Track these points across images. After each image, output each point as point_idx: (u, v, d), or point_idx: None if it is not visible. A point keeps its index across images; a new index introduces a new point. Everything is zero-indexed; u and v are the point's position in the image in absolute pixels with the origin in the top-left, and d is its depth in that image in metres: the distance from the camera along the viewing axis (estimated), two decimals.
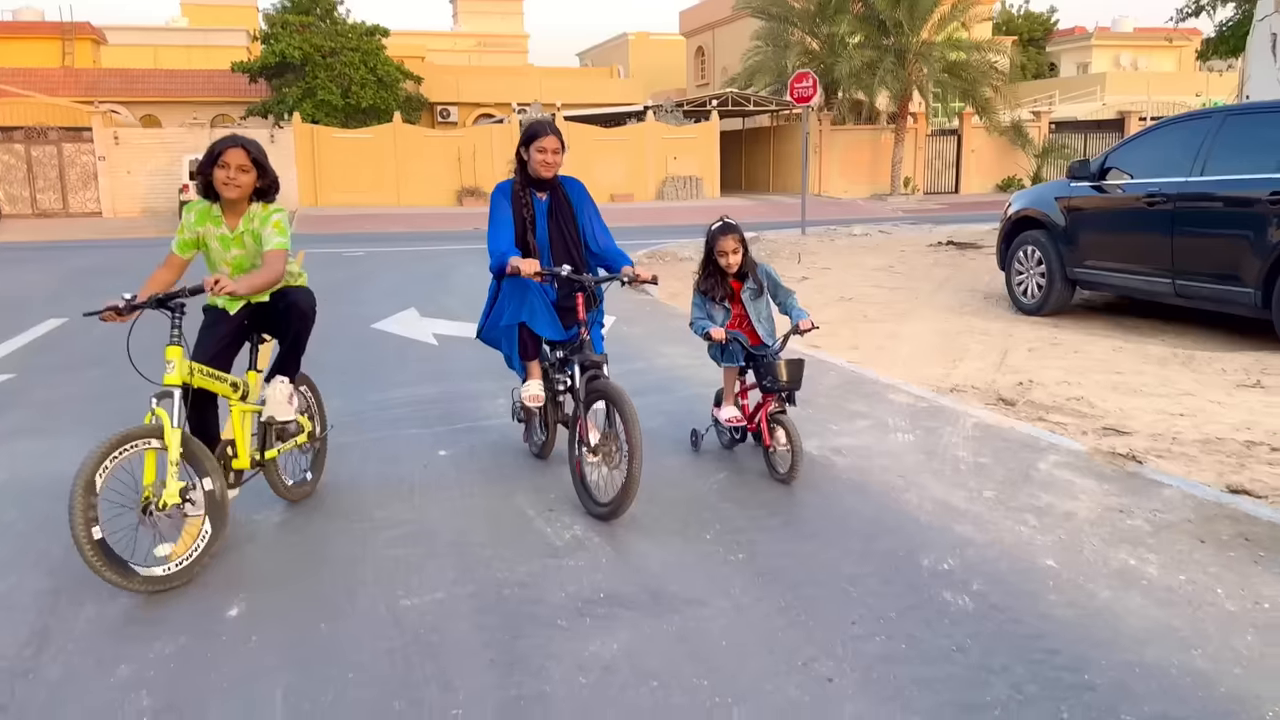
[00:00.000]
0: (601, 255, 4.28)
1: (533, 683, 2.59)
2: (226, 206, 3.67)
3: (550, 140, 4.10)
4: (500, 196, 4.20)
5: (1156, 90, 41.60)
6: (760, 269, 4.54)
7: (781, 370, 4.20)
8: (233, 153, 3.57)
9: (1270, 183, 6.76)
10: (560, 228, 4.21)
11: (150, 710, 2.48)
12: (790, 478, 4.19)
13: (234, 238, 3.69)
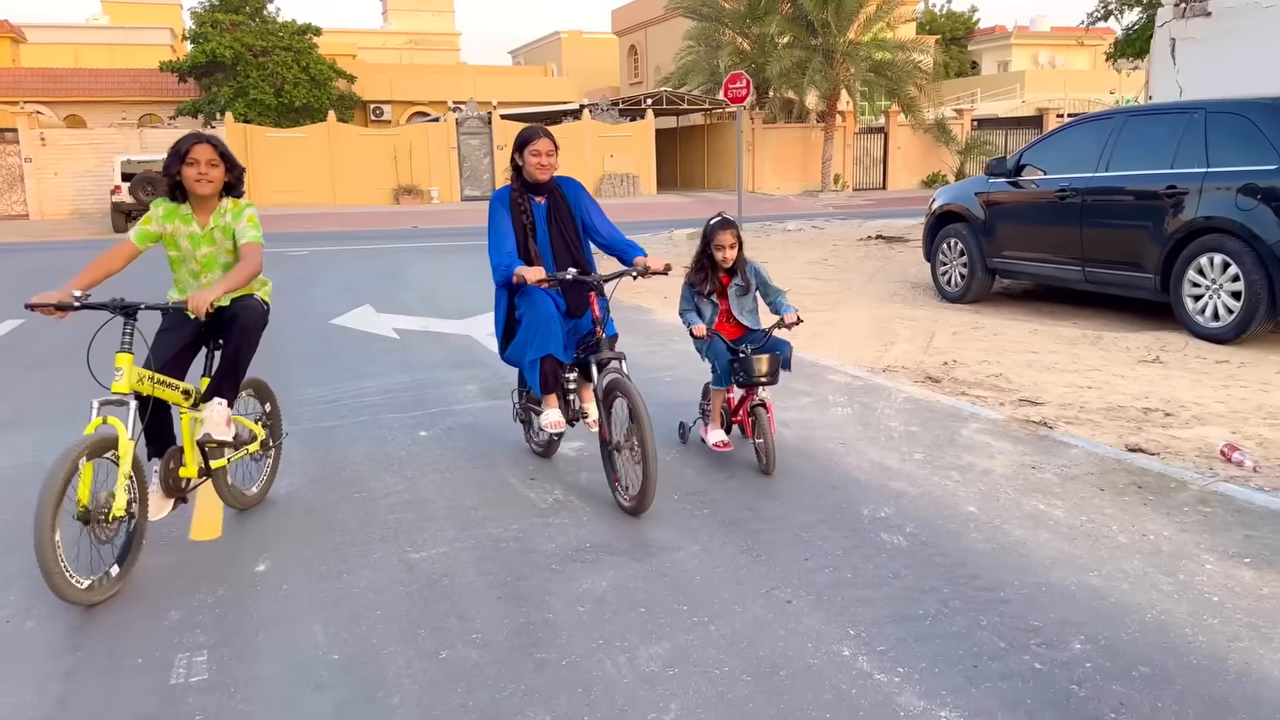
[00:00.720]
0: (610, 246, 4.30)
1: (538, 612, 3.02)
2: (196, 204, 3.64)
3: (543, 143, 4.11)
4: (498, 205, 4.19)
5: (1073, 88, 43.16)
6: (750, 267, 4.64)
7: (760, 364, 4.28)
8: (200, 148, 3.55)
9: (1166, 178, 7.46)
10: (560, 230, 4.22)
11: (207, 644, 2.84)
12: (767, 470, 4.32)
13: (204, 235, 3.65)
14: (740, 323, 4.60)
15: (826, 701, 2.51)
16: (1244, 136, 7.08)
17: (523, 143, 4.16)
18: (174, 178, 3.57)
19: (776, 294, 4.62)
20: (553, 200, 4.24)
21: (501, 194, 4.23)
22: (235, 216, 3.67)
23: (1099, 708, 2.47)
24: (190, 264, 3.69)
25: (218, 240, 3.67)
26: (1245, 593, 3.11)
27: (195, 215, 3.65)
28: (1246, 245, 6.83)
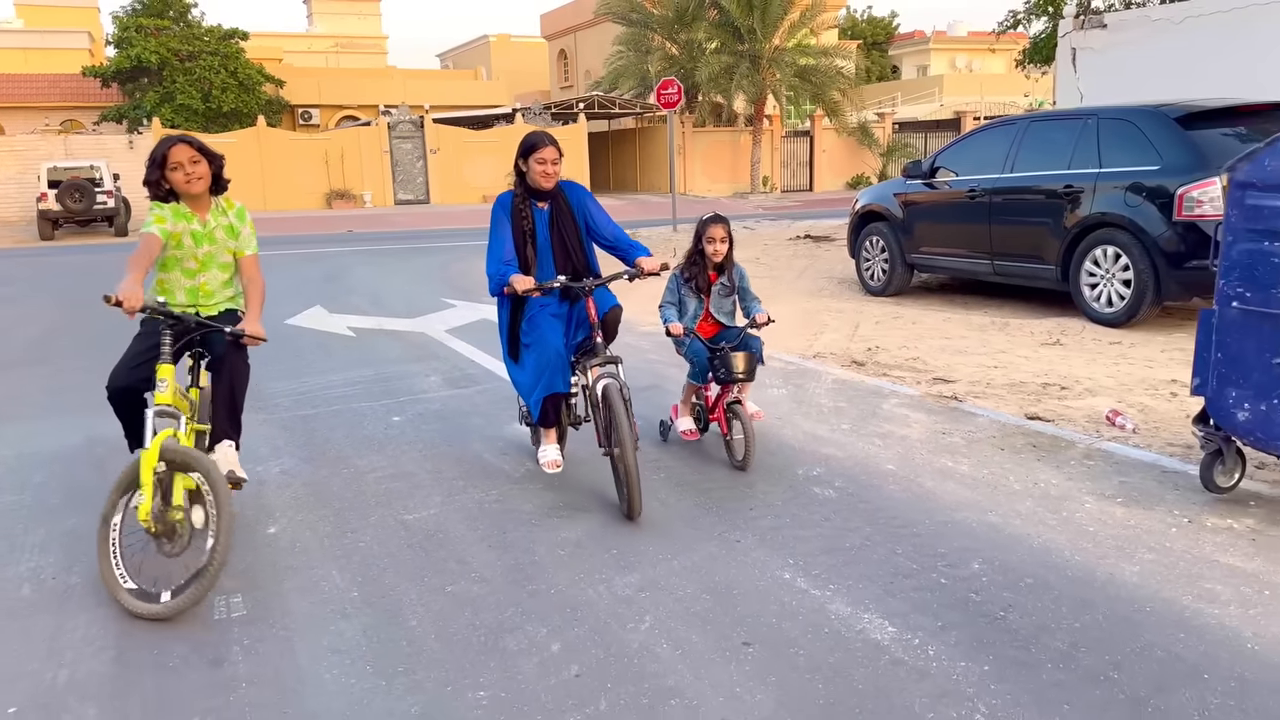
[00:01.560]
0: (614, 246, 4.29)
1: (525, 555, 3.51)
2: (190, 203, 3.62)
3: (549, 151, 4.09)
4: (500, 212, 4.19)
5: (989, 91, 44.62)
6: (735, 270, 4.76)
7: (736, 362, 4.39)
8: (179, 150, 3.52)
9: (1064, 178, 8.23)
10: (561, 235, 4.19)
11: (239, 589, 3.27)
12: (745, 465, 4.44)
13: (205, 233, 3.65)
14: (718, 321, 4.76)
15: (773, 610, 3.04)
16: (1131, 140, 7.86)
17: (528, 149, 4.13)
18: (162, 185, 3.55)
19: (752, 299, 4.76)
20: (555, 205, 4.20)
21: (504, 199, 4.21)
22: (240, 219, 3.75)
23: (991, 608, 3.05)
24: (187, 262, 3.67)
25: (219, 239, 3.68)
26: (1115, 524, 3.73)
27: (195, 213, 3.65)
28: (1135, 238, 7.61)
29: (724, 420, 4.56)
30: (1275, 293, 3.69)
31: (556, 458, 4.25)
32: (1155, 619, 2.95)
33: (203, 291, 3.74)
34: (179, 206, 3.61)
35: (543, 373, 4.07)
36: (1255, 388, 3.76)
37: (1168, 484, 4.16)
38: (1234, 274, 3.84)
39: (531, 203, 4.19)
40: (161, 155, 3.52)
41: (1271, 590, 3.13)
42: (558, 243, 4.19)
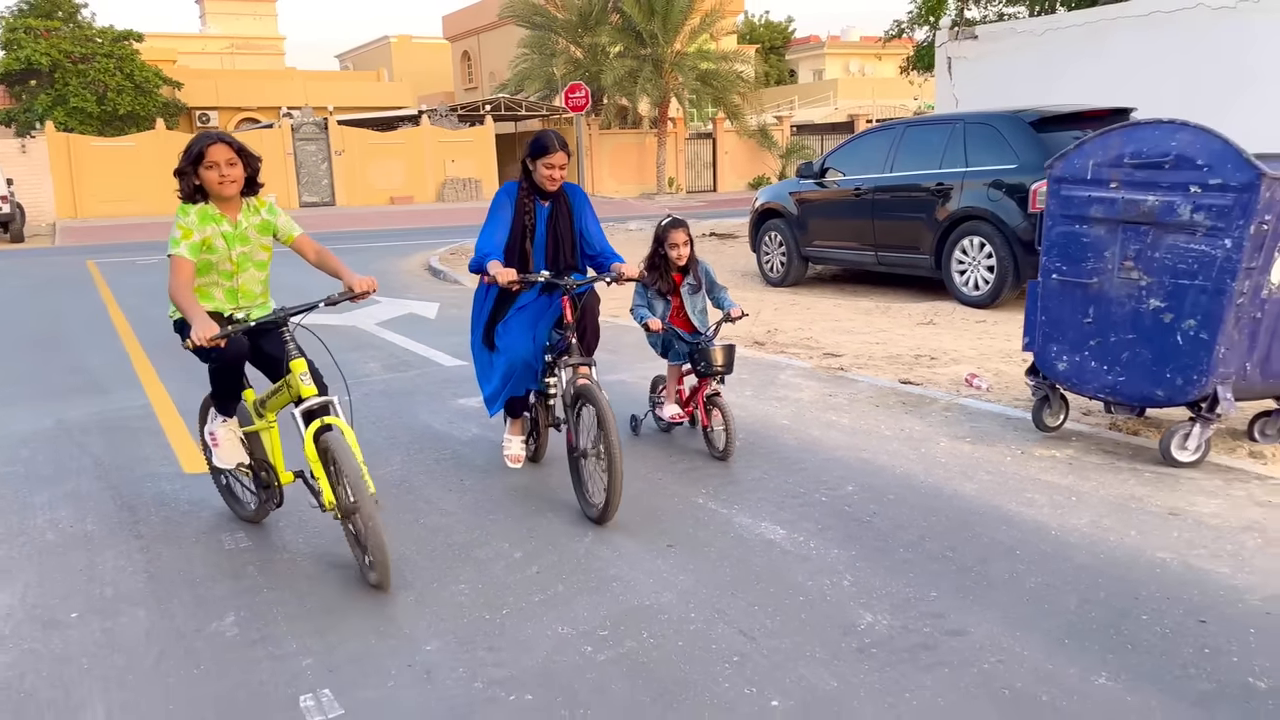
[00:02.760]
0: (598, 257, 4.34)
1: (483, 495, 4.18)
2: (220, 204, 3.52)
3: (559, 157, 4.13)
4: (504, 197, 4.23)
5: (881, 95, 46.37)
6: (700, 266, 4.82)
7: (717, 355, 4.50)
8: (218, 149, 3.42)
9: (935, 176, 9.22)
10: (557, 235, 4.26)
11: (240, 529, 3.84)
12: (726, 454, 4.57)
13: (237, 234, 3.55)
14: (690, 321, 4.82)
15: (689, 523, 3.79)
16: (992, 142, 8.89)
17: (539, 151, 4.15)
18: (192, 181, 3.46)
19: (721, 290, 4.85)
20: (556, 205, 4.27)
21: (510, 188, 4.27)
22: (271, 213, 3.65)
23: (860, 515, 3.85)
24: (223, 265, 3.57)
25: (252, 238, 3.60)
26: (963, 457, 4.59)
27: (224, 214, 3.54)
28: (996, 229, 8.63)
29: (704, 412, 4.69)
30: (1084, 266, 4.61)
31: (519, 452, 4.46)
32: (985, 518, 3.79)
33: (242, 293, 3.65)
34: (206, 208, 3.49)
35: (509, 379, 4.25)
36: (1071, 343, 4.68)
37: (1009, 427, 5.06)
38: (1053, 252, 4.75)
39: (535, 199, 4.25)
40: (199, 151, 3.41)
41: (1078, 497, 4.01)
42: (552, 241, 4.26)
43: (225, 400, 3.76)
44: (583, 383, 3.91)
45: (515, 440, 4.50)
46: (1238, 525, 3.64)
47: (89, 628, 3.04)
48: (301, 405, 3.35)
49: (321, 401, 3.36)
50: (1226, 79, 10.53)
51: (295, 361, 3.39)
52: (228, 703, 2.60)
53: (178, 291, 3.37)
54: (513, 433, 4.51)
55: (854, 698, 2.55)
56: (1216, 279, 4.14)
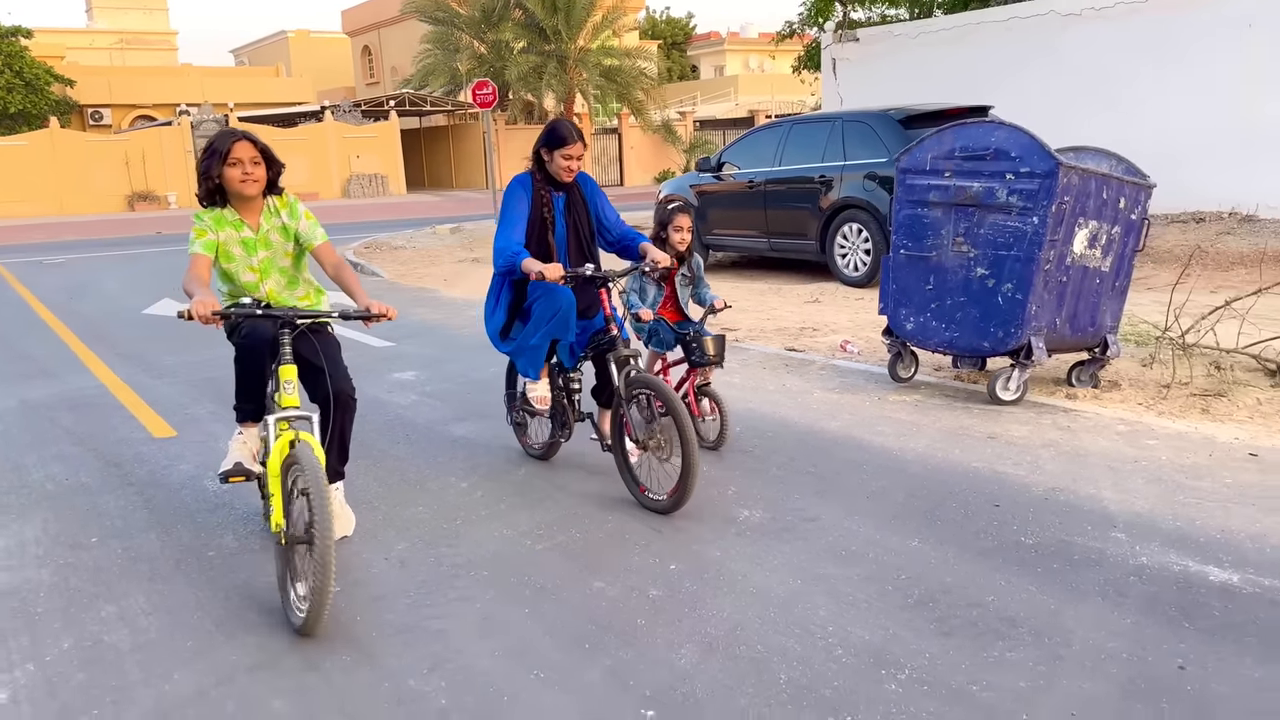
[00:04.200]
0: (620, 240, 4.21)
1: (428, 446, 4.87)
2: (241, 206, 3.42)
3: (577, 147, 3.98)
4: (520, 190, 4.06)
5: (780, 91, 47.67)
6: (694, 259, 4.82)
7: (709, 345, 4.47)
8: (242, 146, 3.32)
9: (818, 169, 10.20)
10: (576, 225, 4.14)
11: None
12: (719, 444, 4.66)
13: (259, 239, 3.45)
14: (680, 310, 4.83)
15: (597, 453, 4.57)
16: (867, 138, 9.90)
17: (556, 142, 4.00)
18: (214, 180, 3.36)
19: (704, 286, 4.85)
20: (571, 195, 4.14)
21: (524, 180, 4.10)
22: (293, 216, 3.52)
23: (742, 446, 4.69)
24: (244, 274, 3.50)
25: (275, 243, 3.49)
26: (831, 403, 5.49)
27: (244, 219, 3.44)
28: (872, 217, 9.63)
29: (695, 402, 4.69)
30: (925, 242, 5.55)
31: (546, 393, 4.26)
32: (843, 445, 4.68)
33: (270, 298, 3.56)
34: (223, 214, 3.42)
35: (551, 319, 3.96)
36: (916, 306, 5.62)
37: (871, 381, 5.99)
38: (901, 231, 5.68)
39: (550, 190, 4.11)
40: (225, 149, 3.32)
41: (918, 428, 4.92)
42: (573, 233, 4.14)
43: (244, 401, 3.60)
44: (639, 373, 3.84)
45: (544, 383, 4.24)
46: (1039, 443, 4.61)
47: (110, 548, 3.66)
48: (277, 414, 3.13)
49: (299, 415, 3.14)
50: (1075, 79, 11.80)
51: (285, 368, 3.19)
52: (240, 592, 3.27)
53: (187, 283, 3.24)
54: (542, 375, 4.22)
55: (731, 561, 3.37)
56: (1027, 250, 5.11)
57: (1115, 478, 4.08)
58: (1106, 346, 5.65)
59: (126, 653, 2.85)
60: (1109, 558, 3.29)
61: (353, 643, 2.88)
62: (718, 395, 4.73)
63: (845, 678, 2.58)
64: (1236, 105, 10.31)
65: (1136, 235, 5.64)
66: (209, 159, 3.36)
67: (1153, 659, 2.64)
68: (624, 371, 3.90)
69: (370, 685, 2.65)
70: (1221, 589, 3.04)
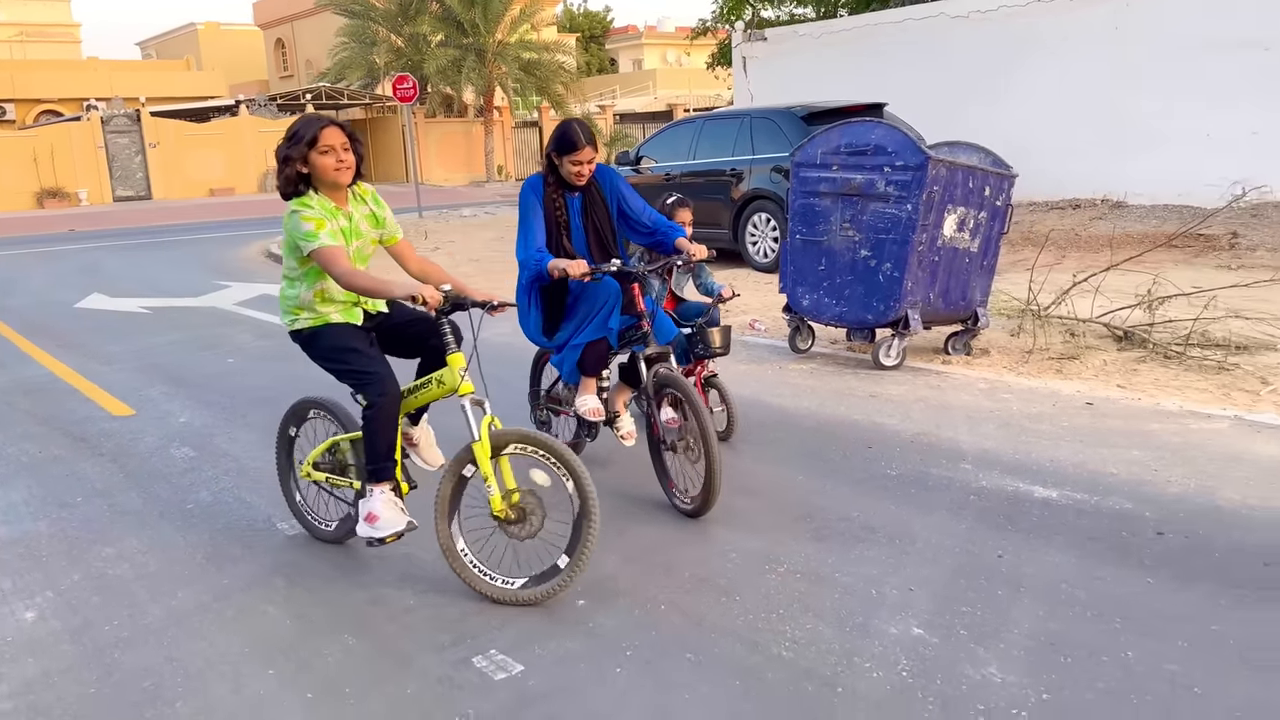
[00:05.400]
0: (654, 231, 4.06)
1: None
2: (328, 193, 3.22)
3: (587, 152, 3.84)
4: (532, 196, 3.92)
5: (697, 86, 48.37)
6: None
7: (715, 337, 4.37)
8: (332, 133, 3.14)
9: (730, 163, 10.89)
10: (595, 225, 3.98)
11: (185, 439, 4.91)
12: (728, 435, 4.67)
13: (352, 228, 3.27)
14: (677, 299, 4.87)
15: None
16: (772, 134, 10.62)
17: (566, 148, 3.85)
18: (300, 168, 3.16)
19: (708, 275, 4.87)
20: (587, 194, 3.98)
21: (535, 183, 3.96)
22: (378, 204, 3.39)
23: None
24: None
25: (364, 231, 3.33)
26: (739, 373, 6.14)
27: (338, 207, 3.26)
28: (778, 207, 10.35)
29: (703, 394, 4.64)
30: (817, 228, 6.24)
31: (597, 404, 4.06)
32: (751, 407, 5.32)
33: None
34: (323, 200, 3.21)
35: (596, 314, 3.88)
36: (810, 285, 6.31)
37: (774, 354, 6.67)
38: (796, 219, 6.36)
39: (564, 193, 3.96)
40: (313, 135, 3.12)
41: (812, 390, 5.61)
42: (592, 233, 4.00)
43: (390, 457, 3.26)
44: (668, 372, 3.79)
45: (591, 396, 4.08)
46: (912, 399, 5.33)
47: (96, 505, 4.11)
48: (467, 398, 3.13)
49: (479, 400, 3.14)
50: (963, 77, 12.72)
51: (455, 356, 3.18)
52: (223, 535, 3.75)
53: (352, 277, 3.08)
54: (588, 391, 4.08)
55: (654, 498, 3.98)
56: (903, 233, 5.83)
57: (971, 424, 4.82)
58: (977, 319, 6.41)
59: (131, 580, 3.34)
60: (956, 483, 4.00)
61: (331, 563, 3.41)
62: (724, 387, 4.73)
63: (736, 572, 3.22)
64: (1107, 102, 11.31)
65: (1002, 220, 6.41)
66: (293, 145, 3.14)
67: (978, 551, 3.34)
68: (653, 370, 3.83)
69: (346, 591, 3.19)
70: (1042, 502, 3.77)
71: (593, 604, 3.05)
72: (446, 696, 2.58)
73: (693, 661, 2.70)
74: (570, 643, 2.83)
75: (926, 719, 2.40)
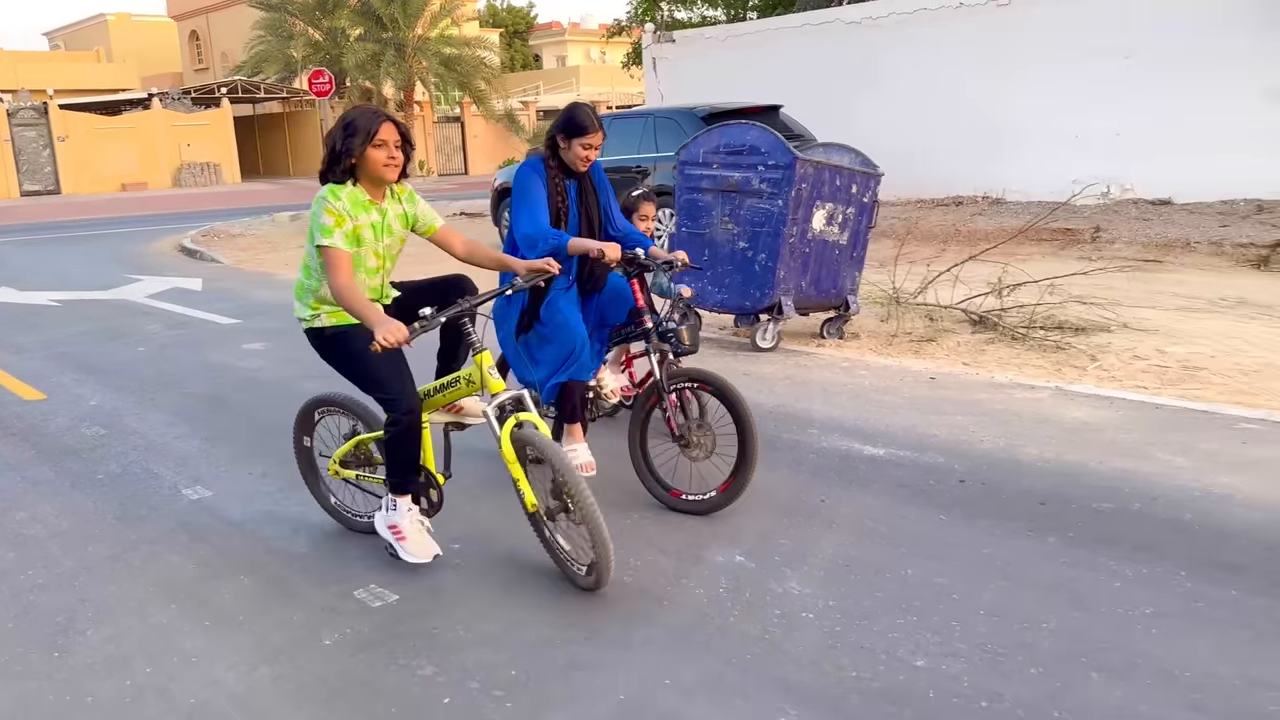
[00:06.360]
0: (625, 238, 4.00)
1: (296, 390, 5.70)
2: (369, 191, 3.19)
3: (598, 136, 3.77)
4: (535, 176, 3.82)
5: (620, 83, 48.81)
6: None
7: (685, 335, 4.20)
8: (389, 128, 3.11)
9: (637, 160, 11.38)
10: (587, 215, 3.94)
11: (93, 419, 5.18)
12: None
13: (384, 225, 3.24)
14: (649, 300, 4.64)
15: None
16: (675, 132, 11.13)
17: (576, 131, 3.76)
18: (352, 160, 3.12)
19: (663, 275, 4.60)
20: (582, 184, 3.94)
21: (536, 165, 3.86)
22: (411, 201, 3.35)
23: None
24: (369, 260, 3.24)
25: (395, 230, 3.31)
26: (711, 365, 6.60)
27: (374, 202, 3.21)
28: None
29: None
30: (701, 221, 6.74)
31: (589, 458, 3.95)
32: None
33: (382, 290, 3.38)
34: (357, 192, 3.17)
35: (566, 362, 3.81)
36: (696, 275, 6.81)
37: None
38: (683, 213, 6.86)
39: (563, 178, 3.90)
40: (374, 130, 3.08)
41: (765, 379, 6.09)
42: (584, 223, 3.94)
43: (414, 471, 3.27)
44: (694, 367, 3.80)
45: (582, 446, 3.98)
46: (779, 376, 5.87)
47: (9, 477, 4.39)
48: (495, 400, 3.10)
49: (515, 396, 3.11)
50: (856, 80, 13.42)
51: (482, 355, 3.12)
52: (132, 501, 4.07)
53: (344, 290, 3.00)
54: (576, 439, 3.99)
55: None
56: (775, 227, 6.37)
57: (826, 396, 5.37)
58: (848, 305, 6.99)
59: (46, 539, 3.66)
60: (801, 445, 4.53)
61: (232, 521, 3.78)
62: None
63: (608, 505, 3.67)
64: (987, 105, 12.09)
65: (869, 215, 7.00)
66: (350, 137, 3.09)
67: (806, 498, 3.86)
68: (664, 363, 3.80)
69: (244, 542, 3.57)
70: (870, 459, 4.32)
71: (466, 546, 3.48)
72: (329, 620, 2.99)
73: (547, 584, 3.16)
74: (441, 577, 3.26)
75: (732, 620, 2.90)
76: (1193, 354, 5.93)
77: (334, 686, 2.63)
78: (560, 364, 3.80)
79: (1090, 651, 2.67)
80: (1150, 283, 8.35)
